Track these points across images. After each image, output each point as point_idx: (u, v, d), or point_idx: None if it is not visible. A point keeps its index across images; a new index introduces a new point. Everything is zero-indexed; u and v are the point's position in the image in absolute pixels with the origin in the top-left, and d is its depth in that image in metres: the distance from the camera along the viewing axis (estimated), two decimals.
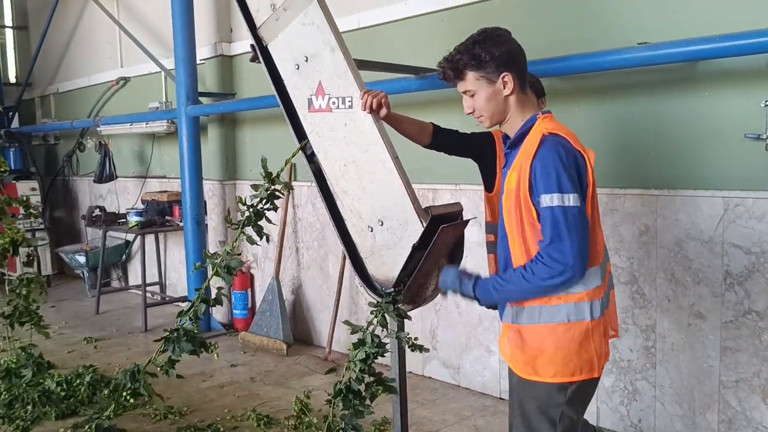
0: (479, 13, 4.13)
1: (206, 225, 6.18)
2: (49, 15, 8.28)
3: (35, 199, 8.03)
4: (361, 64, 3.03)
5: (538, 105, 2.98)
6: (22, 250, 4.14)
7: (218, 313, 6.17)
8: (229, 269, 2.85)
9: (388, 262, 2.51)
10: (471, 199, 4.18)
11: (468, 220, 2.51)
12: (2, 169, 4.11)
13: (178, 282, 7.01)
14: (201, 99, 5.91)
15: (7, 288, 4.03)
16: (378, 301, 2.43)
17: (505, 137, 2.24)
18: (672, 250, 3.38)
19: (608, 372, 3.66)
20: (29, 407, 3.84)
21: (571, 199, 1.92)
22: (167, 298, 6.87)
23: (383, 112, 2.54)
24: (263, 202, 2.79)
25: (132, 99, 7.39)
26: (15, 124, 9.25)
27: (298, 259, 5.65)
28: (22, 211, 8.12)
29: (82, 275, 7.74)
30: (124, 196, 7.69)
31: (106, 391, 3.39)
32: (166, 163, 7.14)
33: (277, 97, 2.91)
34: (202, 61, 6.06)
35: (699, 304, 3.31)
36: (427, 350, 2.45)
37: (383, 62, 3.87)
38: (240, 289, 5.97)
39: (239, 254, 2.86)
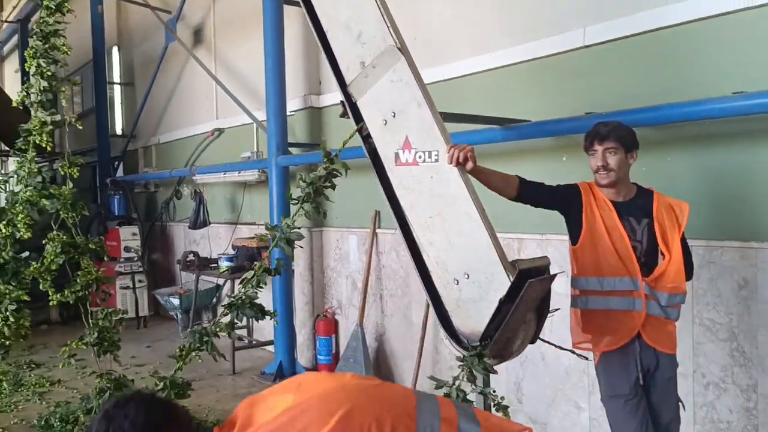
0: (565, 63, 4.13)
1: (293, 271, 6.33)
2: (154, 72, 8.91)
3: (135, 244, 8.51)
4: (447, 117, 3.08)
5: (626, 159, 2.91)
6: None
7: (302, 358, 6.27)
8: (288, 241, 2.96)
9: (474, 316, 2.50)
10: (558, 249, 4.11)
11: (555, 275, 2.47)
12: (83, 213, 4.27)
13: (264, 326, 7.17)
14: (290, 149, 6.14)
15: (89, 322, 4.24)
16: (464, 355, 2.42)
17: None
18: None
19: None
20: None
21: None
22: (254, 342, 7.05)
23: (469, 165, 2.58)
24: (322, 179, 2.91)
25: (225, 149, 7.76)
26: (120, 173, 9.91)
27: (381, 307, 5.69)
28: (123, 254, 8.63)
29: (175, 317, 8.07)
30: (216, 241, 8.02)
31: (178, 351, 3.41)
32: (256, 210, 7.42)
33: (366, 151, 3.00)
34: (292, 113, 6.32)
35: None
36: (507, 412, 2.39)
37: (468, 114, 3.92)
38: (324, 334, 6.05)
39: (299, 228, 2.98)
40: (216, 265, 7.03)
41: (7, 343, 3.86)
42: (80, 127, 4.23)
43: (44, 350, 7.25)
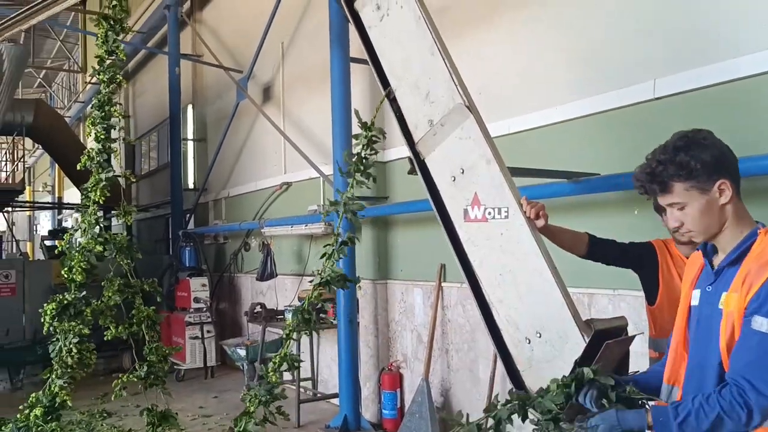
0: (635, 115, 4.08)
1: (358, 323, 6.34)
2: (225, 128, 9.27)
3: (205, 294, 8.72)
4: (514, 171, 3.08)
5: None
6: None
7: (367, 412, 6.21)
8: (354, 213, 3.19)
9: (547, 377, 2.43)
10: (631, 306, 3.98)
11: (634, 336, 2.40)
12: (138, 256, 4.45)
13: (329, 378, 7.17)
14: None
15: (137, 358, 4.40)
16: (538, 419, 2.34)
17: (707, 247, 2.01)
18: None
19: None
20: None
21: None
22: (319, 395, 7.03)
23: (540, 222, 2.55)
24: (364, 149, 3.14)
25: (293, 202, 7.94)
26: (191, 225, 10.25)
27: (447, 361, 5.61)
28: (193, 304, 8.83)
29: (241, 368, 8.16)
30: (282, 293, 8.13)
31: None
32: (321, 261, 7.48)
33: (434, 206, 3.01)
34: None
35: None
36: None
37: (535, 168, 3.90)
38: (389, 388, 5.99)
39: (359, 198, 3.24)
40: (282, 316, 7.11)
41: (72, 370, 4.05)
42: (134, 180, 4.54)
43: (116, 398, 7.43)
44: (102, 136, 4.08)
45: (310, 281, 3.69)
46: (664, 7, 3.97)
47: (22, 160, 17.96)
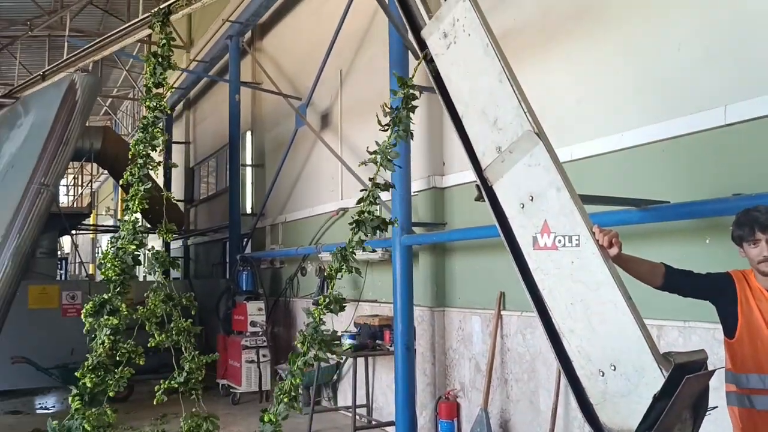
0: (704, 142, 3.97)
1: (415, 350, 6.29)
2: (283, 154, 9.43)
3: (261, 319, 8.81)
4: (582, 199, 3.02)
5: None
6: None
7: None
8: (390, 160, 3.37)
9: (622, 411, 2.36)
10: (703, 339, 3.83)
11: (714, 371, 2.30)
12: (166, 268, 4.59)
13: (385, 406, 7.12)
14: (414, 228, 6.22)
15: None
16: None
17: None
18: None
19: None
20: None
21: None
22: (374, 422, 6.98)
23: (614, 251, 2.50)
24: (402, 105, 3.24)
25: (349, 228, 7.96)
26: (248, 249, 10.41)
27: (507, 391, 5.50)
28: (249, 328, 8.92)
29: None
30: (338, 318, 8.13)
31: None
32: (377, 287, 7.50)
33: (501, 233, 2.98)
34: (416, 193, 6.44)
35: None
36: None
37: (603, 196, 3.83)
38: (446, 418, 5.90)
39: (393, 147, 3.38)
40: (339, 342, 7.11)
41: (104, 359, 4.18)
42: (173, 197, 4.78)
43: (175, 419, 7.51)
44: (144, 153, 4.36)
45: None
46: (734, 33, 3.87)
47: (90, 185, 18.67)
